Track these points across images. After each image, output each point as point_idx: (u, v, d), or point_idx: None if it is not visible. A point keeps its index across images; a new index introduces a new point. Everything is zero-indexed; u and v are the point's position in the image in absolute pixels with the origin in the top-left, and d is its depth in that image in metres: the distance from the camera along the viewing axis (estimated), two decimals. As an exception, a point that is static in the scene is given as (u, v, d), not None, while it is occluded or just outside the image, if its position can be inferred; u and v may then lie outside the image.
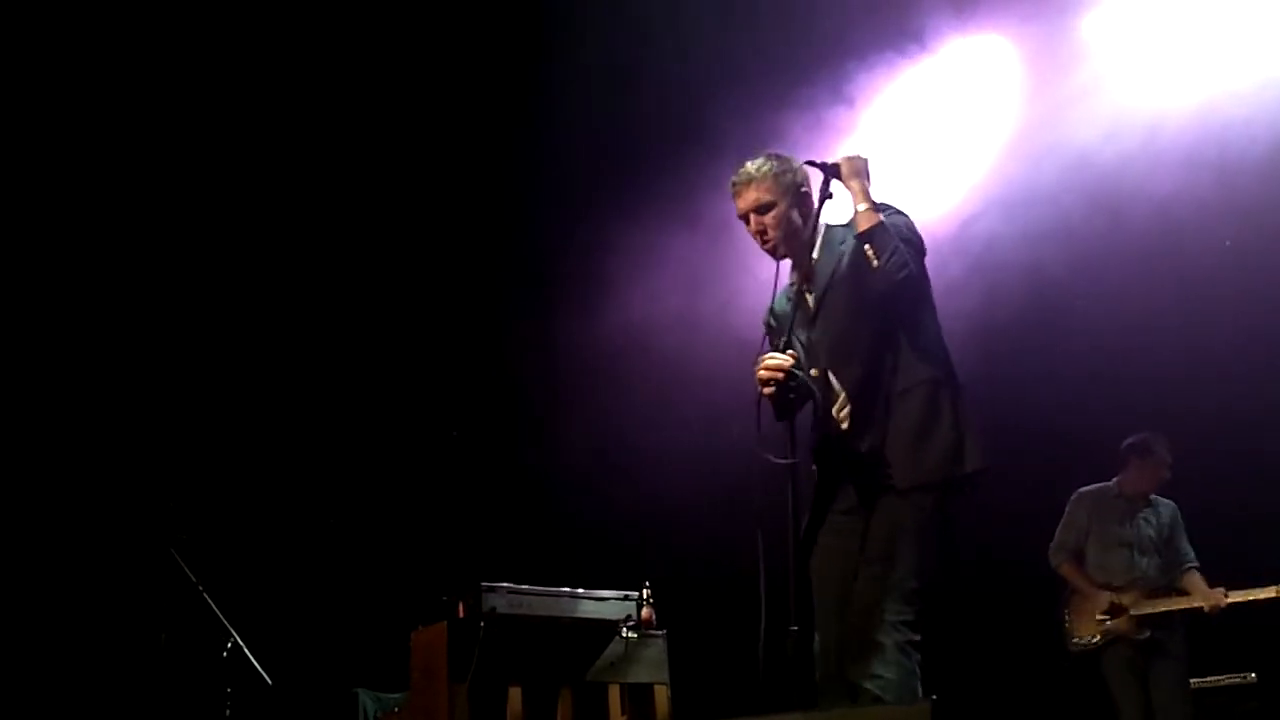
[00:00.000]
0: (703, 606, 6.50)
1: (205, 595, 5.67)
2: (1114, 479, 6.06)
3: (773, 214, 3.66)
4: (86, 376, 6.99)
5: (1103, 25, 6.28)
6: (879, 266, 3.44)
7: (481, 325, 7.79)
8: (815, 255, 3.67)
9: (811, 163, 3.64)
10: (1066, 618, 5.96)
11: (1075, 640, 5.90)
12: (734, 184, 3.72)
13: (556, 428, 7.56)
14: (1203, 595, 5.70)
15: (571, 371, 7.43)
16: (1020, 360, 6.64)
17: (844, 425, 3.57)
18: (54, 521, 6.76)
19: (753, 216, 3.69)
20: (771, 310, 3.84)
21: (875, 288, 3.47)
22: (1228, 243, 6.26)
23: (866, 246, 3.46)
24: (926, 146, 6.54)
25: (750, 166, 3.70)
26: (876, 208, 3.52)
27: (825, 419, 3.60)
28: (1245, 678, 5.86)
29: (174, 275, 7.13)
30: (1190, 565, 5.87)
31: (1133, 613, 5.76)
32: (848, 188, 3.56)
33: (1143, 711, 5.72)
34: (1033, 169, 6.37)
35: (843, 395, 3.58)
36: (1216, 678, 5.88)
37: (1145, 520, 5.95)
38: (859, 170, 3.56)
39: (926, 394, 3.49)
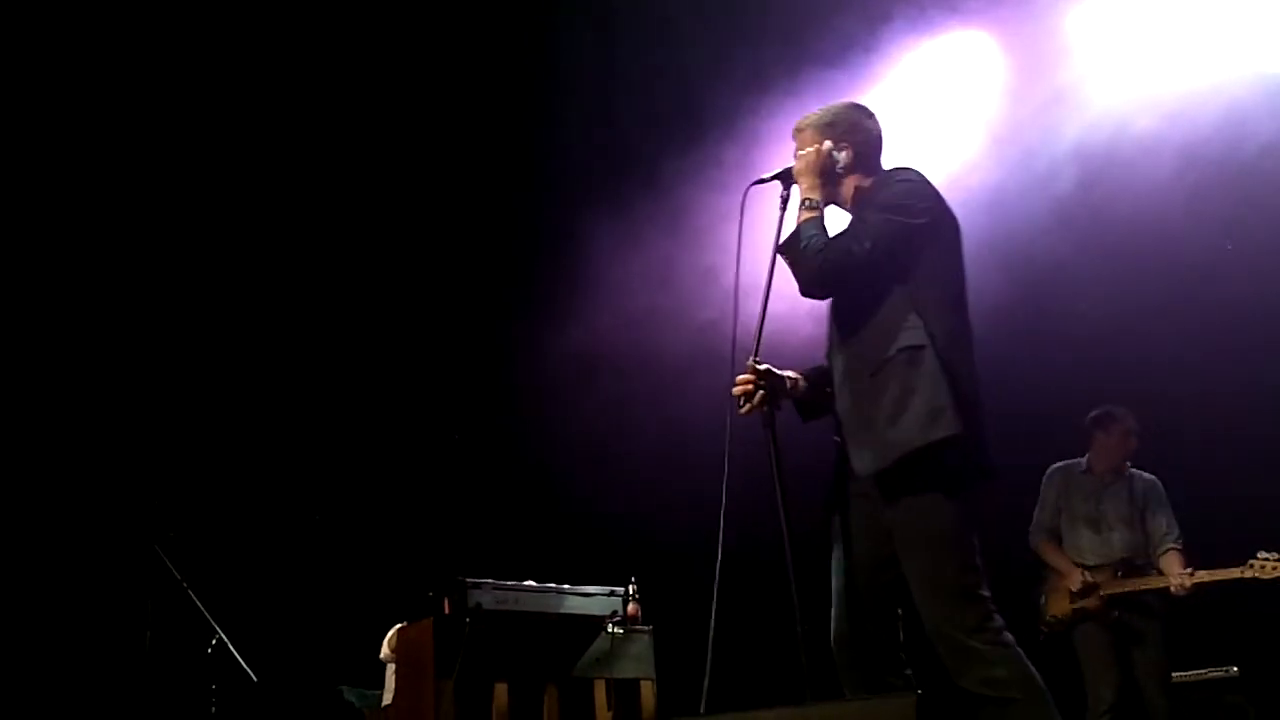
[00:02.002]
0: (688, 601, 6.50)
1: (190, 593, 5.67)
2: (1085, 455, 5.98)
3: None
4: (72, 375, 6.97)
5: (1088, 20, 6.31)
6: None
7: (470, 324, 7.78)
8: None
9: (760, 180, 3.53)
10: (1042, 597, 5.87)
11: (1047, 619, 5.80)
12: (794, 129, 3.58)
13: (544, 425, 7.55)
14: (1172, 575, 5.51)
15: (557, 369, 7.42)
16: (1007, 348, 6.63)
17: (837, 400, 3.41)
18: (39, 519, 6.74)
19: None
20: None
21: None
22: (1229, 245, 6.26)
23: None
24: (917, 138, 6.53)
25: (808, 115, 3.54)
26: (812, 207, 3.37)
27: (832, 392, 3.45)
28: (1227, 671, 5.78)
29: (166, 275, 7.11)
30: (1170, 546, 5.65)
31: (1103, 592, 5.63)
32: (799, 185, 3.45)
33: (1115, 692, 5.55)
34: (1023, 160, 6.38)
35: (837, 369, 3.43)
36: (1198, 671, 5.79)
37: (1115, 495, 5.80)
38: (806, 168, 3.42)
39: (903, 363, 3.22)
